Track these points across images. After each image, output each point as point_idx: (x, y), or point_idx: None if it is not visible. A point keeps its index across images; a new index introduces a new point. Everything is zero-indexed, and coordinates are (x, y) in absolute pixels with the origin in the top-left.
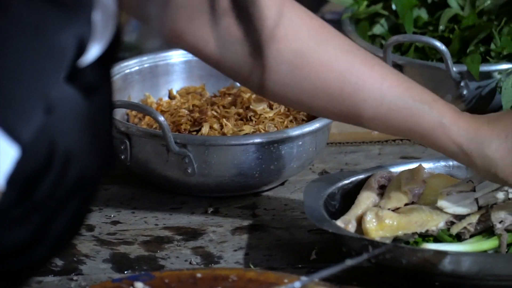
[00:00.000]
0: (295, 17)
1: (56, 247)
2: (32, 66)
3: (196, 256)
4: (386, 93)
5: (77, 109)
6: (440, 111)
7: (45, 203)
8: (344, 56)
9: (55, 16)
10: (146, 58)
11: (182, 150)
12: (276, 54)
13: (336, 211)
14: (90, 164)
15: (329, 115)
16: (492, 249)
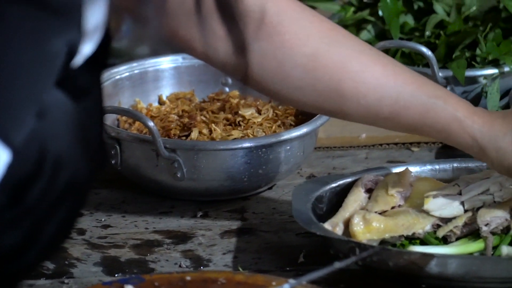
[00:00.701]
0: (305, 21)
1: (47, 251)
2: (24, 71)
3: (186, 259)
4: (400, 91)
5: (67, 113)
6: (455, 106)
7: (36, 207)
8: (357, 56)
9: (47, 23)
10: (136, 64)
11: (172, 155)
12: (288, 59)
13: (324, 214)
14: (81, 168)
15: (344, 116)
16: (478, 252)
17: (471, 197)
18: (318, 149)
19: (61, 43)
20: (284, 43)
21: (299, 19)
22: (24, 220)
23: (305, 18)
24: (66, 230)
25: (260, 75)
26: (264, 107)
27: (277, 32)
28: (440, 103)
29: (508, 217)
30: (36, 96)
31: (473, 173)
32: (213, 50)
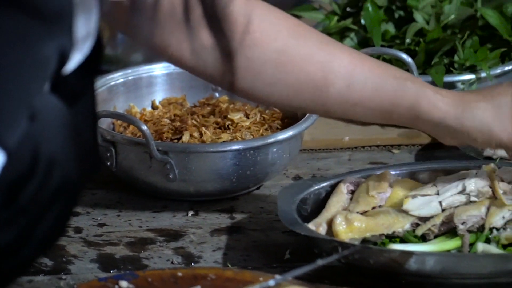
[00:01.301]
0: (273, 18)
1: (41, 248)
2: (17, 76)
3: (177, 256)
4: (368, 76)
5: (60, 117)
6: (422, 84)
7: (30, 207)
8: (323, 48)
9: (38, 29)
10: (130, 71)
11: (164, 157)
12: (259, 56)
13: (308, 214)
14: (73, 170)
15: (315, 108)
16: (455, 249)
17: (448, 197)
18: (303, 151)
19: (52, 49)
20: (255, 41)
21: (267, 17)
22: (18, 219)
23: (272, 16)
24: (59, 229)
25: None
26: (252, 111)
27: (248, 31)
28: (408, 83)
29: (484, 215)
30: (28, 99)
31: (450, 174)
32: (201, 60)
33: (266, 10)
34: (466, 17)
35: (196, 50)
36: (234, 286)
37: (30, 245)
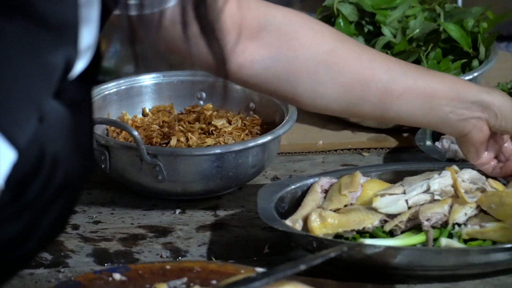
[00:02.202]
0: (314, 24)
1: (44, 242)
2: (28, 81)
3: (166, 250)
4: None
5: (63, 120)
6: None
7: (35, 202)
8: (364, 49)
9: (47, 38)
10: (123, 81)
11: (154, 160)
12: (311, 57)
13: (286, 212)
14: (74, 168)
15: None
16: (420, 244)
17: (414, 195)
18: (281, 154)
19: (59, 57)
20: (303, 45)
21: (308, 24)
22: (24, 214)
23: (312, 22)
24: (61, 223)
25: (284, 78)
26: (234, 118)
27: (295, 37)
28: (439, 73)
29: (447, 213)
30: (38, 103)
31: (415, 175)
32: (200, 63)
33: (308, 19)
34: (430, 31)
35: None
36: (218, 277)
37: (34, 237)
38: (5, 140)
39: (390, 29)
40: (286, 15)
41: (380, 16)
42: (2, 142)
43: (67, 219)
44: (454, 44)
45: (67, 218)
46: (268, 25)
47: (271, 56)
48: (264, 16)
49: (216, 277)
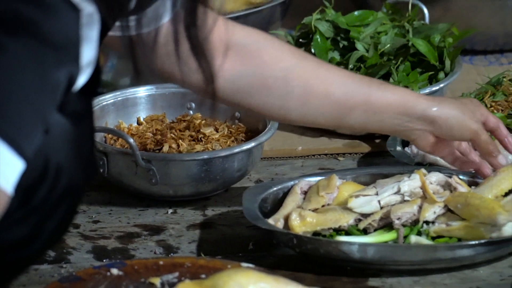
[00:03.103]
0: (275, 44)
1: (49, 242)
2: (35, 97)
3: (159, 247)
4: (359, 85)
5: (66, 132)
6: (402, 89)
7: (41, 207)
8: (321, 65)
9: (51, 56)
10: (119, 93)
11: (148, 164)
12: (271, 74)
13: (268, 211)
14: (76, 176)
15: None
16: (392, 240)
17: (386, 197)
18: (264, 159)
19: (63, 74)
20: (265, 63)
21: (270, 43)
22: (31, 217)
23: (274, 42)
24: (64, 225)
25: (248, 92)
26: (220, 126)
27: (258, 55)
28: (390, 87)
29: (416, 212)
30: (44, 117)
31: (387, 178)
32: (189, 80)
33: (270, 39)
34: (400, 46)
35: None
36: (206, 272)
37: (40, 239)
38: (15, 151)
39: (363, 44)
40: (250, 35)
41: (354, 33)
42: (11, 154)
43: (70, 222)
44: (422, 58)
45: (70, 221)
46: (234, 45)
47: (237, 73)
48: (231, 36)
49: (205, 271)
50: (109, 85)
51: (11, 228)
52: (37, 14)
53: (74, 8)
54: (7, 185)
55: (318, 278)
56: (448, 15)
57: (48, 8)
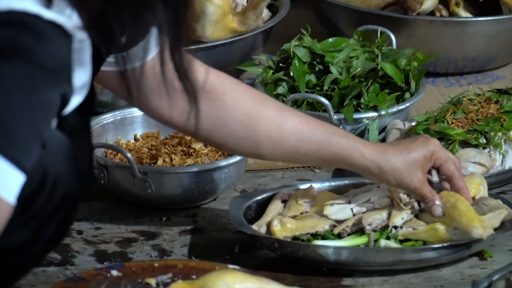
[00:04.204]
0: (239, 89)
1: (49, 246)
2: (30, 116)
3: (154, 251)
4: (313, 133)
5: (62, 146)
6: (354, 140)
7: (40, 214)
8: (279, 112)
9: (44, 79)
10: (118, 113)
11: (144, 176)
12: (231, 117)
13: (252, 218)
14: (72, 186)
15: (273, 158)
16: (363, 244)
17: (358, 205)
18: (248, 171)
19: (56, 94)
20: (227, 106)
21: (235, 88)
22: (31, 223)
23: (239, 87)
24: (62, 231)
25: (210, 131)
26: None
27: (222, 98)
28: (343, 139)
29: (385, 219)
30: (40, 133)
31: (359, 188)
32: (174, 116)
33: (235, 84)
34: (370, 69)
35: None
36: (197, 273)
37: (40, 242)
38: (15, 166)
39: (336, 68)
40: (219, 79)
41: (329, 58)
42: (12, 168)
43: (67, 227)
44: (390, 80)
45: (68, 226)
46: (204, 86)
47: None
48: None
49: (195, 272)
50: (109, 105)
51: (13, 233)
52: (31, 40)
53: (66, 34)
54: (10, 197)
55: (297, 278)
56: (413, 41)
57: (41, 35)
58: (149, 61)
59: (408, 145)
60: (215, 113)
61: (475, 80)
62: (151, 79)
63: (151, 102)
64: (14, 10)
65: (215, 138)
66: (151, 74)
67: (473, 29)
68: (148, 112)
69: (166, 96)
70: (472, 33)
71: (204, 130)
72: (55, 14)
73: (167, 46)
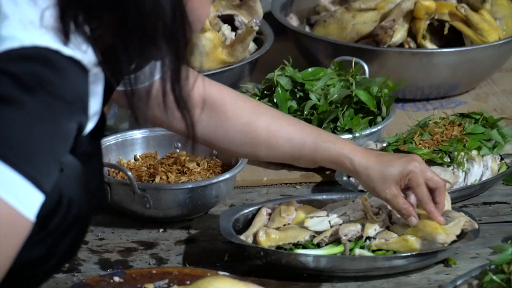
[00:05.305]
0: (240, 101)
1: (63, 260)
2: (51, 142)
3: (152, 259)
4: (305, 140)
5: (76, 170)
6: (342, 145)
7: (55, 231)
8: (275, 121)
9: (63, 109)
10: (120, 135)
11: (143, 192)
12: (232, 127)
13: (240, 229)
14: (84, 207)
15: (270, 160)
16: (340, 253)
17: (335, 217)
18: (236, 187)
19: (73, 123)
20: (228, 117)
21: (236, 100)
22: (47, 240)
23: (239, 99)
24: (75, 246)
25: (213, 138)
26: (201, 161)
27: (223, 110)
28: (332, 145)
29: (359, 230)
30: (58, 159)
31: (336, 202)
32: (174, 126)
33: (235, 96)
34: (345, 96)
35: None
36: (191, 279)
37: (55, 256)
38: (36, 187)
39: (315, 95)
40: (220, 92)
41: (308, 86)
42: (33, 189)
43: (80, 243)
44: (363, 105)
45: (80, 242)
46: (206, 99)
47: (204, 123)
48: (207, 91)
49: (189, 278)
50: (111, 129)
51: (31, 248)
52: (52, 74)
53: (83, 69)
54: (30, 214)
55: (281, 283)
56: (384, 71)
57: (61, 69)
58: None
59: (391, 160)
60: (217, 123)
61: (440, 105)
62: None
63: (153, 116)
64: (37, 46)
65: (217, 144)
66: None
67: (438, 60)
68: (150, 121)
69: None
70: (437, 63)
71: (206, 137)
72: (73, 50)
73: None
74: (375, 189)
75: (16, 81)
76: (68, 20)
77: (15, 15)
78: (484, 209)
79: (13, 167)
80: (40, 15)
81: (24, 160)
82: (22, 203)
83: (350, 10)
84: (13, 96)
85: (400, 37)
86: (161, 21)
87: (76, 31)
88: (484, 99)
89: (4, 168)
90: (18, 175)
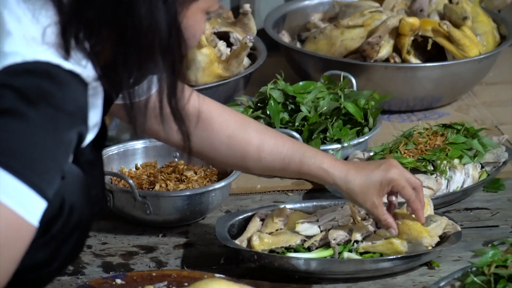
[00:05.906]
0: (225, 115)
1: (65, 263)
2: (53, 152)
3: (152, 262)
4: (286, 154)
5: (78, 178)
6: (320, 160)
7: (57, 236)
8: (257, 135)
9: (64, 121)
10: (121, 145)
11: (143, 199)
12: (217, 138)
13: (235, 234)
14: (85, 213)
15: (252, 171)
16: (329, 256)
17: (325, 222)
18: (231, 194)
19: (74, 134)
20: (214, 130)
21: (221, 113)
22: (50, 244)
23: (225, 113)
24: (77, 250)
25: (200, 149)
26: (198, 170)
27: (209, 123)
28: (312, 160)
29: (347, 234)
30: (60, 166)
31: (325, 209)
32: (170, 138)
33: (222, 109)
34: (334, 108)
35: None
36: (189, 281)
37: (57, 260)
38: (39, 194)
39: (306, 107)
40: (208, 105)
41: (299, 98)
42: (36, 196)
43: (81, 247)
44: (351, 117)
45: (82, 246)
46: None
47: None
48: (198, 104)
49: (187, 280)
50: (113, 139)
51: (35, 252)
52: (53, 88)
53: (83, 82)
54: (34, 220)
55: (273, 285)
56: (371, 84)
57: (62, 82)
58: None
59: (370, 170)
60: (203, 134)
61: (424, 116)
62: (150, 110)
63: (150, 128)
64: (39, 61)
65: (205, 155)
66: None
67: (422, 74)
68: (147, 133)
69: (163, 126)
70: (421, 77)
71: (195, 148)
72: (73, 65)
73: (165, 92)
74: (356, 200)
75: (19, 94)
76: (69, 36)
77: (18, 32)
78: (466, 214)
79: (17, 175)
80: (42, 32)
81: (28, 169)
82: (26, 209)
83: (339, 27)
84: (16, 109)
85: (386, 52)
86: (157, 37)
87: (76, 47)
88: (466, 111)
89: (8, 177)
90: (22, 184)
